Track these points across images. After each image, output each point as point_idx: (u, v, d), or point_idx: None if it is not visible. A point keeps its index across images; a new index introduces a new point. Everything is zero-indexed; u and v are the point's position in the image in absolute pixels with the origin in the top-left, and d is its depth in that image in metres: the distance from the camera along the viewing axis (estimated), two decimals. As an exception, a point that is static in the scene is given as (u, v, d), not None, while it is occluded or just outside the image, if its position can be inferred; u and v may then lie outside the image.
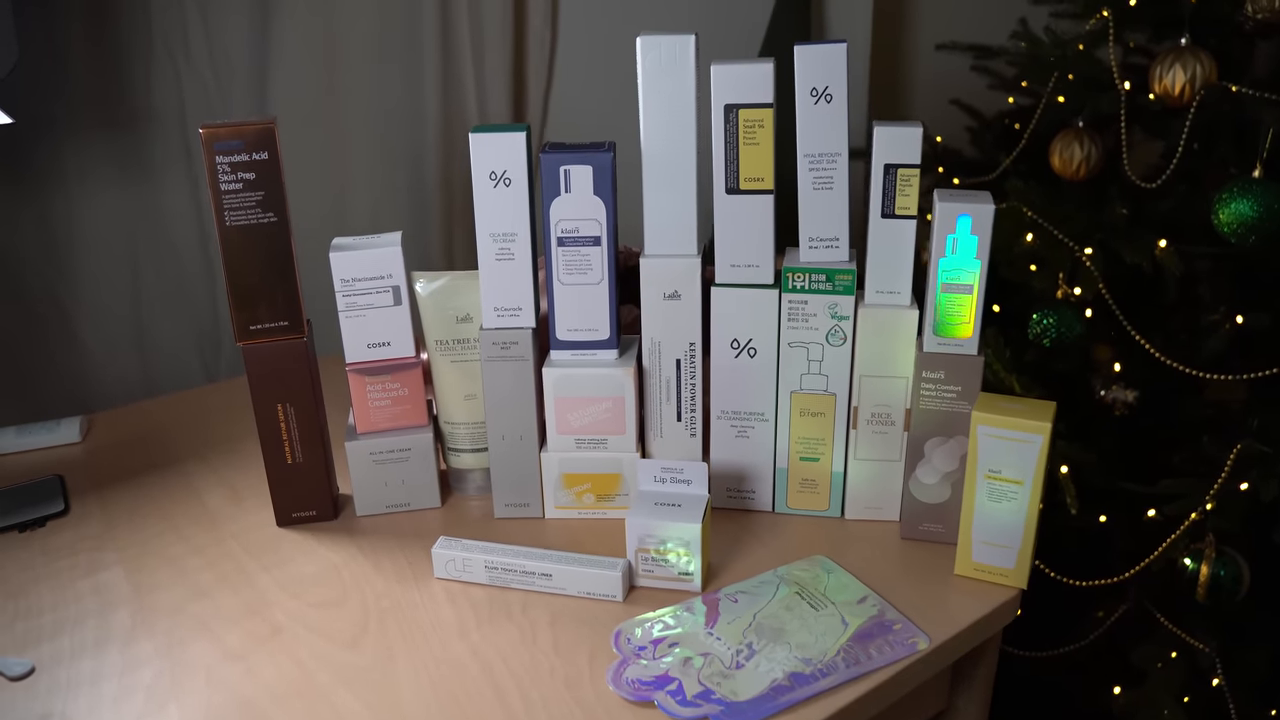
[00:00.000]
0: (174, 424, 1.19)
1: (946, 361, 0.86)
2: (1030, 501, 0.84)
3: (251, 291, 0.90)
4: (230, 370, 1.49)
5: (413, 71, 1.52)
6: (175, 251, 1.44)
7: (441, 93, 1.52)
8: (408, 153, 1.56)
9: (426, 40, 1.50)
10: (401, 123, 1.54)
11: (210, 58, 1.42)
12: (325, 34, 1.47)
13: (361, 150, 1.53)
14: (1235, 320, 1.30)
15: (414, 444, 0.97)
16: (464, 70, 1.53)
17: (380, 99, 1.52)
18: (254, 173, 0.87)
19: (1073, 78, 1.38)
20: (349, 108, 1.51)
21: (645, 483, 0.89)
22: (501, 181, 0.88)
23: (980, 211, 0.82)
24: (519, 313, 0.91)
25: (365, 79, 1.51)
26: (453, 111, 1.54)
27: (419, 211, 1.59)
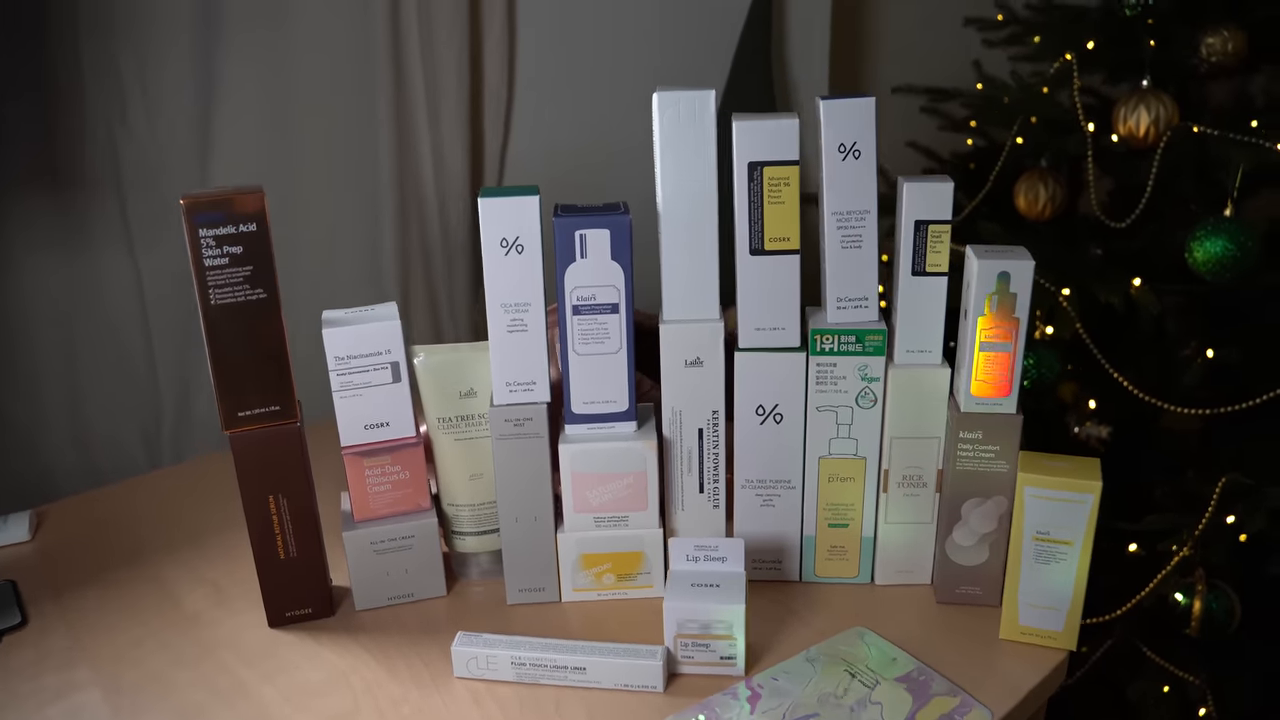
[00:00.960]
0: (133, 515, 1.07)
1: (985, 421, 0.82)
2: (1081, 561, 0.80)
3: (240, 375, 0.81)
4: (175, 453, 1.38)
5: (366, 131, 1.43)
6: (113, 328, 1.32)
7: (396, 155, 1.44)
8: (361, 217, 1.47)
9: (380, 100, 1.42)
10: (354, 186, 1.46)
11: (148, 118, 1.32)
12: (273, 95, 1.38)
13: (312, 215, 1.44)
14: (1206, 355, 1.30)
15: (417, 530, 0.88)
16: (419, 134, 1.45)
17: (332, 161, 1.44)
18: (241, 246, 0.79)
19: (1035, 120, 1.38)
20: (299, 172, 1.42)
21: (678, 562, 0.83)
22: (514, 249, 0.81)
23: (1019, 268, 0.79)
24: (533, 387, 0.84)
25: (316, 140, 1.42)
26: (407, 174, 1.46)
27: (371, 278, 1.50)
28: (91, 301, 1.30)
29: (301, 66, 1.38)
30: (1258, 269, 1.18)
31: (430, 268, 1.48)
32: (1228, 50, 1.28)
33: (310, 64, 1.39)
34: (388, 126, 1.42)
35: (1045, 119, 1.39)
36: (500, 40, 1.46)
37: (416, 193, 1.46)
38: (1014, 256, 0.79)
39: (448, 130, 1.44)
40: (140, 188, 1.33)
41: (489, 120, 1.49)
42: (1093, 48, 1.36)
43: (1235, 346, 1.28)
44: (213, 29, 1.31)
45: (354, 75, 1.41)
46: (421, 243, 1.46)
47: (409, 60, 1.41)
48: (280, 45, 1.36)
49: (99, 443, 1.32)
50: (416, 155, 1.45)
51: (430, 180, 1.45)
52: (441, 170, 1.45)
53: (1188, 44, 1.31)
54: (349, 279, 1.48)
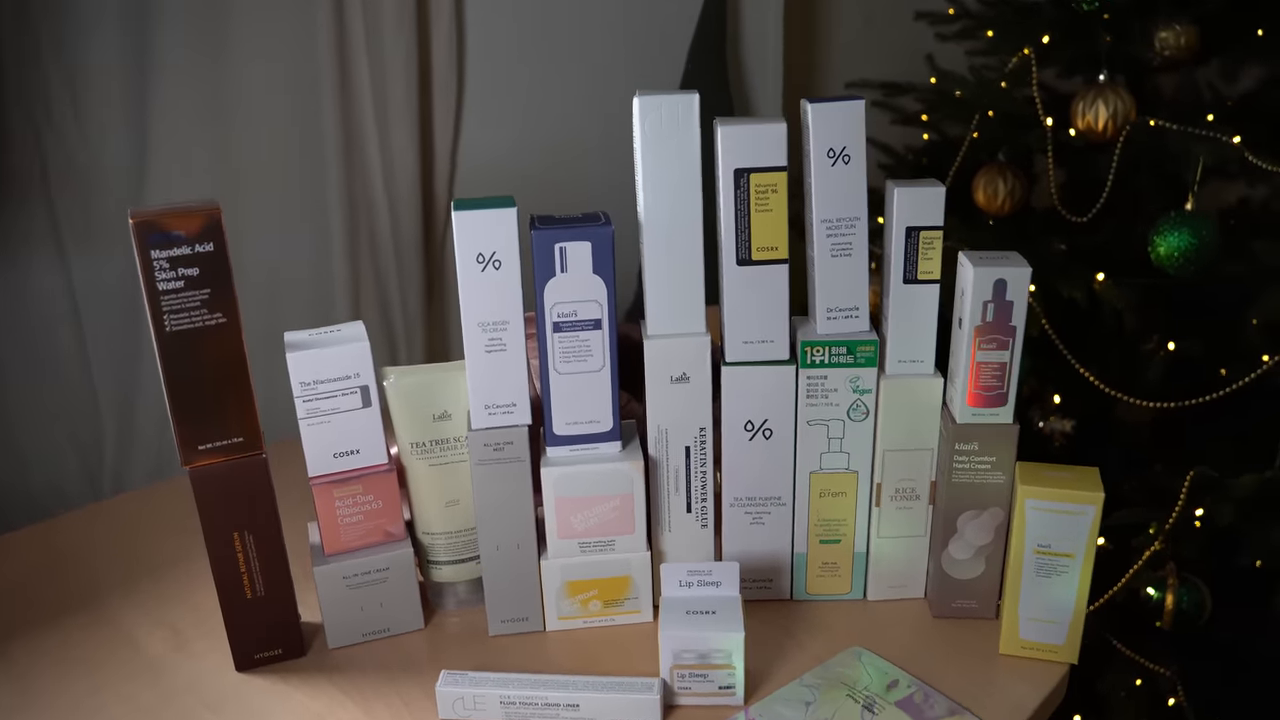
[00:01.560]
0: (80, 551, 0.99)
1: (981, 432, 0.79)
2: (1083, 574, 0.77)
3: (199, 406, 0.74)
4: (117, 481, 1.30)
5: (311, 130, 1.36)
6: (45, 343, 1.24)
7: (343, 155, 1.37)
8: (307, 222, 1.40)
9: (325, 97, 1.34)
10: (299, 189, 1.38)
11: (76, 117, 1.23)
12: (212, 91, 1.30)
13: (258, 220, 1.36)
14: (1168, 348, 1.29)
15: (393, 562, 0.83)
16: (367, 134, 1.37)
17: (275, 164, 1.36)
18: (197, 268, 0.72)
19: (993, 114, 1.35)
20: (242, 170, 1.34)
21: (671, 588, 0.78)
22: (490, 264, 0.75)
23: (1016, 275, 0.75)
24: (513, 410, 0.79)
25: (259, 143, 1.34)
26: (355, 176, 1.39)
27: (320, 290, 1.42)
28: (18, 314, 1.21)
29: (242, 62, 1.30)
30: (1217, 261, 1.17)
31: (382, 281, 1.41)
32: (1180, 44, 1.26)
33: (251, 60, 1.31)
34: (333, 126, 1.35)
35: (1003, 113, 1.36)
36: (448, 36, 1.39)
37: (366, 196, 1.39)
38: (1010, 263, 0.76)
39: (396, 131, 1.37)
40: (71, 192, 1.25)
41: (438, 119, 1.42)
42: (1048, 42, 1.34)
43: (1197, 339, 1.27)
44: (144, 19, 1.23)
45: (297, 71, 1.34)
46: (372, 253, 1.39)
47: (354, 55, 1.34)
48: (218, 38, 1.28)
49: (33, 473, 1.24)
50: (365, 156, 1.38)
51: (380, 184, 1.38)
52: (391, 173, 1.38)
53: (1142, 38, 1.29)
54: (296, 292, 1.40)
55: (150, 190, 1.29)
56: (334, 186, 1.37)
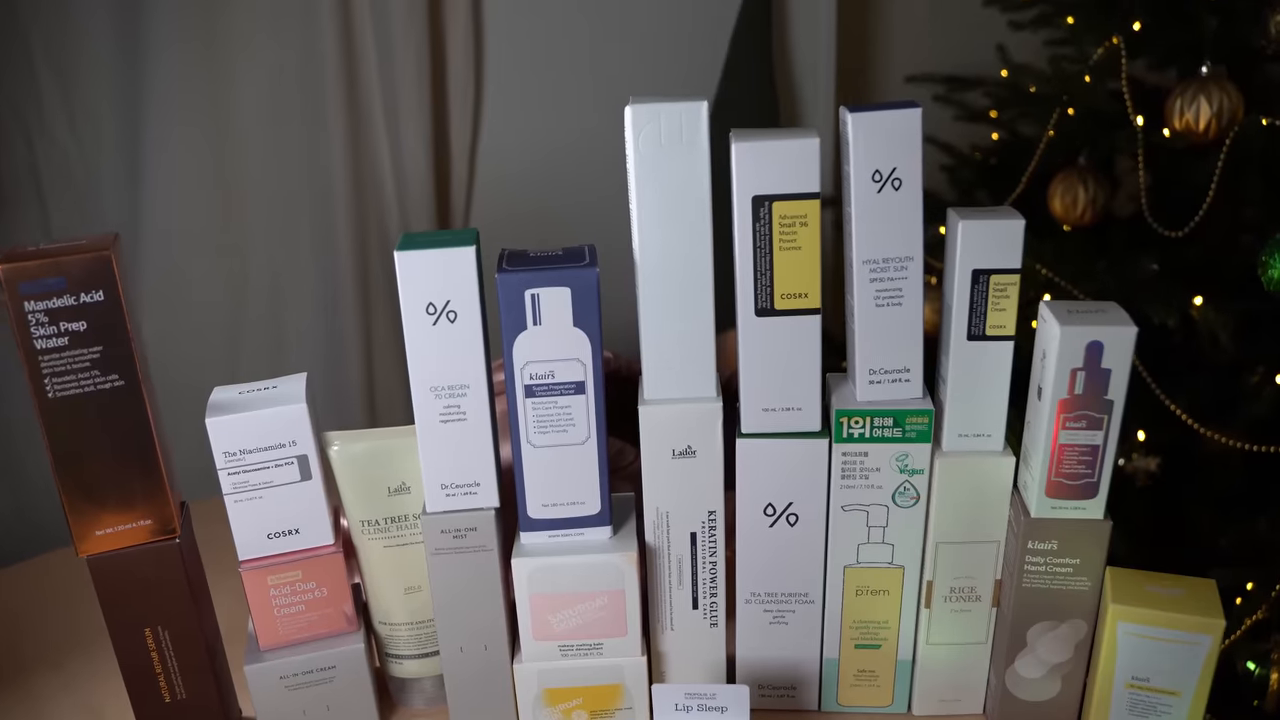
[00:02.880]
0: (6, 614, 0.85)
1: (1062, 529, 0.59)
2: (1191, 715, 0.58)
3: (93, 485, 0.58)
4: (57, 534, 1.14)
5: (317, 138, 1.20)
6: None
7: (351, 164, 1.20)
8: (312, 244, 1.24)
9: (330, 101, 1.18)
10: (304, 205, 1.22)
11: (72, 126, 1.09)
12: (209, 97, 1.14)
13: (259, 229, 1.21)
14: (1276, 381, 1.07)
15: (340, 659, 0.66)
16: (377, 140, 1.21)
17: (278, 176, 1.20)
18: (84, 321, 0.56)
19: (1074, 112, 1.14)
20: (242, 174, 1.19)
21: (664, 713, 0.61)
22: (444, 316, 0.58)
23: (1116, 337, 0.56)
24: (476, 490, 0.61)
25: (259, 150, 1.19)
26: (365, 184, 1.22)
27: (329, 319, 1.26)
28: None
29: (241, 62, 1.14)
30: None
31: (394, 289, 1.25)
32: (1299, 28, 1.03)
33: (251, 59, 1.15)
34: (339, 129, 1.18)
35: (1085, 111, 1.15)
36: (465, 31, 1.22)
37: (376, 204, 1.22)
38: (1108, 320, 0.56)
39: (408, 133, 1.19)
40: (65, 198, 1.11)
41: (455, 120, 1.25)
42: (1140, 29, 1.11)
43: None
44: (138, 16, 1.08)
45: (300, 70, 1.18)
46: (383, 263, 1.23)
47: (362, 54, 1.17)
48: (216, 38, 1.12)
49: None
50: (374, 162, 1.21)
51: (391, 190, 1.21)
52: (403, 179, 1.21)
53: (1253, 22, 1.06)
54: (300, 305, 1.25)
55: (146, 197, 1.15)
56: (340, 193, 1.20)
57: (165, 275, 1.17)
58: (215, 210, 1.18)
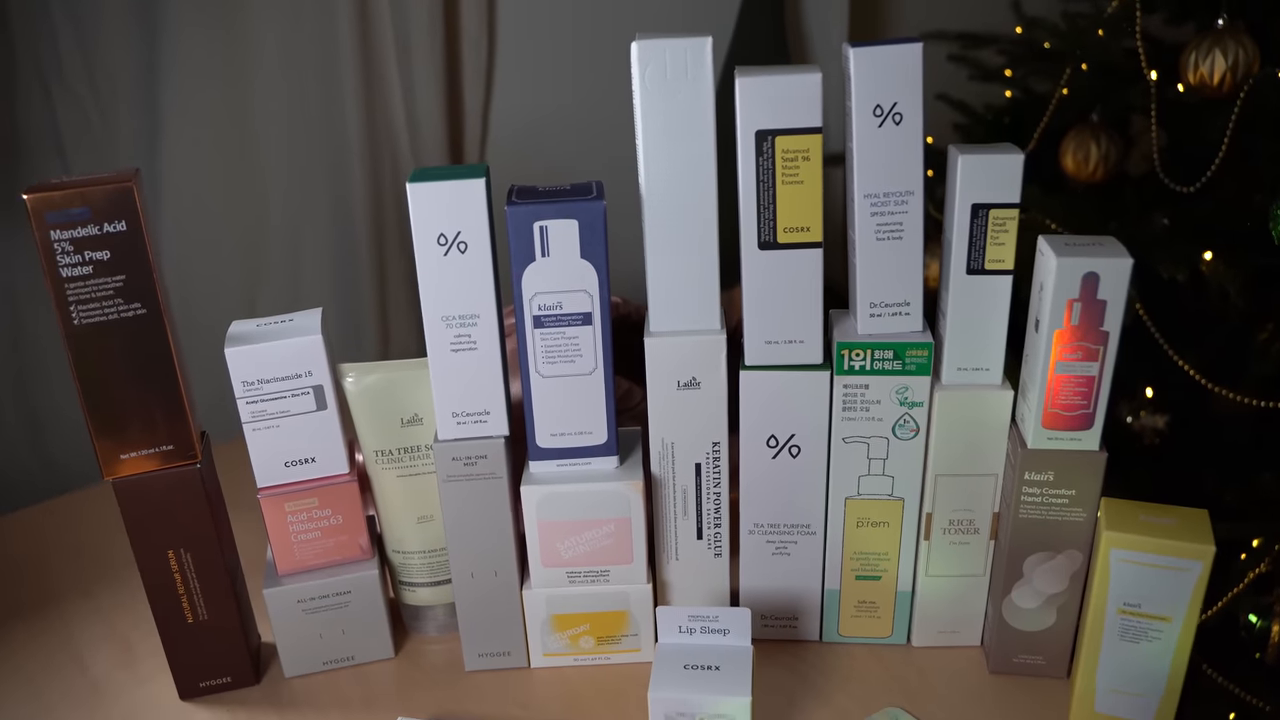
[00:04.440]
0: (35, 551, 0.87)
1: (1058, 460, 0.60)
2: (1181, 641, 0.59)
3: (117, 410, 0.61)
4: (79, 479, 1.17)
5: (332, 88, 1.21)
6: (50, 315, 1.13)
7: (365, 113, 1.22)
8: (329, 190, 1.25)
9: (344, 53, 1.19)
10: (320, 153, 1.24)
11: (89, 76, 1.11)
12: (225, 47, 1.16)
13: (275, 186, 1.23)
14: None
15: (355, 585, 0.68)
16: (391, 90, 1.22)
17: (294, 124, 1.22)
18: (108, 250, 0.58)
19: (1087, 68, 1.14)
20: (259, 131, 1.20)
21: (668, 634, 0.62)
22: (454, 247, 0.60)
23: (1112, 268, 0.57)
24: (486, 418, 0.63)
25: (275, 99, 1.20)
26: (379, 134, 1.24)
27: (345, 262, 1.28)
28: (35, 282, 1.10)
29: (258, 19, 1.16)
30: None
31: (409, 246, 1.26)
32: (1318, -19, 1.03)
33: (268, 16, 1.17)
34: (354, 84, 1.19)
35: (1098, 66, 1.14)
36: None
37: (391, 159, 1.24)
38: (1104, 252, 0.57)
39: (422, 88, 1.21)
40: (85, 152, 1.13)
41: (468, 75, 1.26)
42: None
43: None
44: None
45: (316, 27, 1.19)
46: (398, 219, 1.24)
47: (376, 7, 1.18)
48: None
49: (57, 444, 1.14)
50: (389, 116, 1.22)
51: (405, 146, 1.23)
52: (417, 133, 1.23)
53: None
54: (318, 259, 1.27)
55: (164, 146, 1.17)
56: (355, 147, 1.22)
57: (182, 220, 1.18)
58: (232, 157, 1.20)
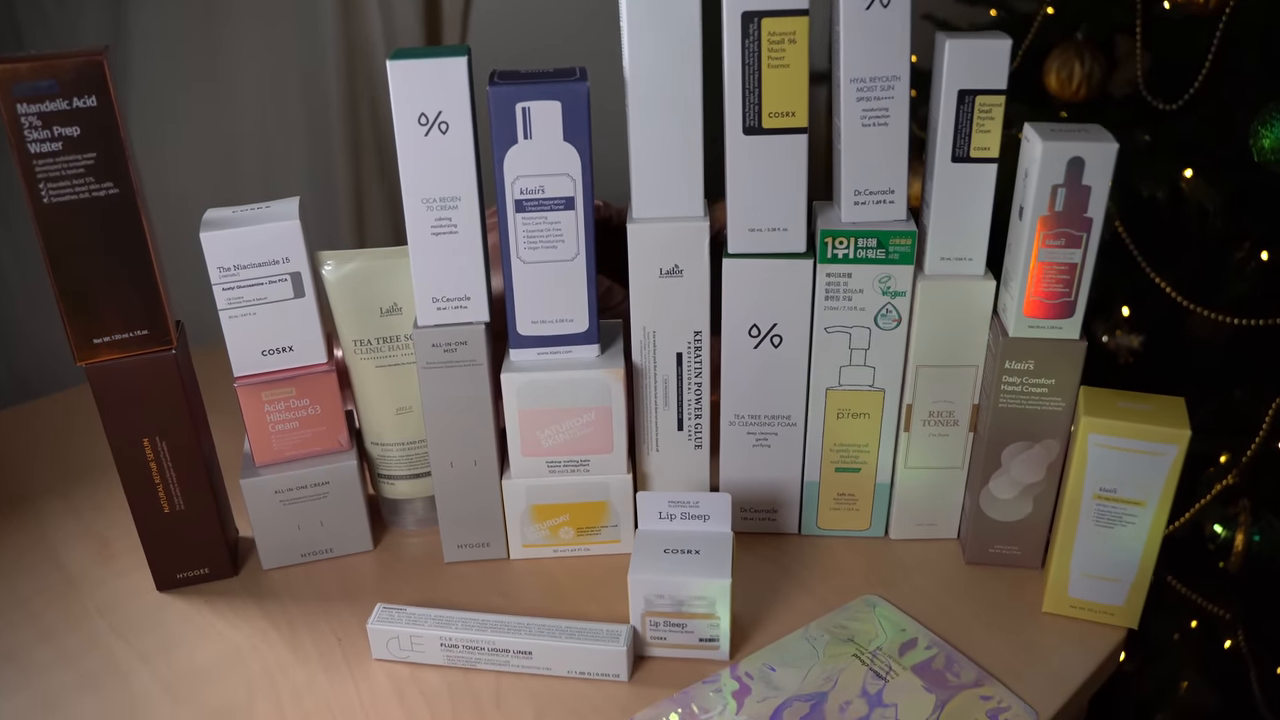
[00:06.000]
0: (10, 451, 0.87)
1: (1038, 349, 0.61)
2: (1154, 526, 0.60)
3: (90, 292, 0.60)
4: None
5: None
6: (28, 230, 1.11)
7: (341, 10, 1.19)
8: (304, 89, 1.23)
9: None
10: (295, 51, 1.21)
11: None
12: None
13: (247, 87, 1.20)
14: (1260, 257, 1.08)
15: (333, 475, 0.68)
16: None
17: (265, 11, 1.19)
18: (78, 126, 0.57)
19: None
20: (228, 35, 1.17)
21: (648, 520, 0.63)
22: (435, 127, 0.59)
23: (1097, 153, 0.56)
24: (466, 304, 0.63)
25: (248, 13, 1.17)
26: (354, 34, 1.21)
27: (321, 164, 1.26)
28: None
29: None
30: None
31: (384, 149, 1.24)
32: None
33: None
34: None
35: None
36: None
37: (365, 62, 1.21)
38: (1089, 137, 0.57)
39: None
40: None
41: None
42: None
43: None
44: None
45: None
46: (376, 123, 1.22)
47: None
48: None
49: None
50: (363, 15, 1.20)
51: (380, 44, 1.20)
52: (392, 31, 1.20)
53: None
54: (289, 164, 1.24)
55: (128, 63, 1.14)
56: (330, 33, 1.19)
57: (152, 126, 1.16)
58: (201, 65, 1.17)
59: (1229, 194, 1.05)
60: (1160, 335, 1.17)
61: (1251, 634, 1.08)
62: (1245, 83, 1.07)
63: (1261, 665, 1.08)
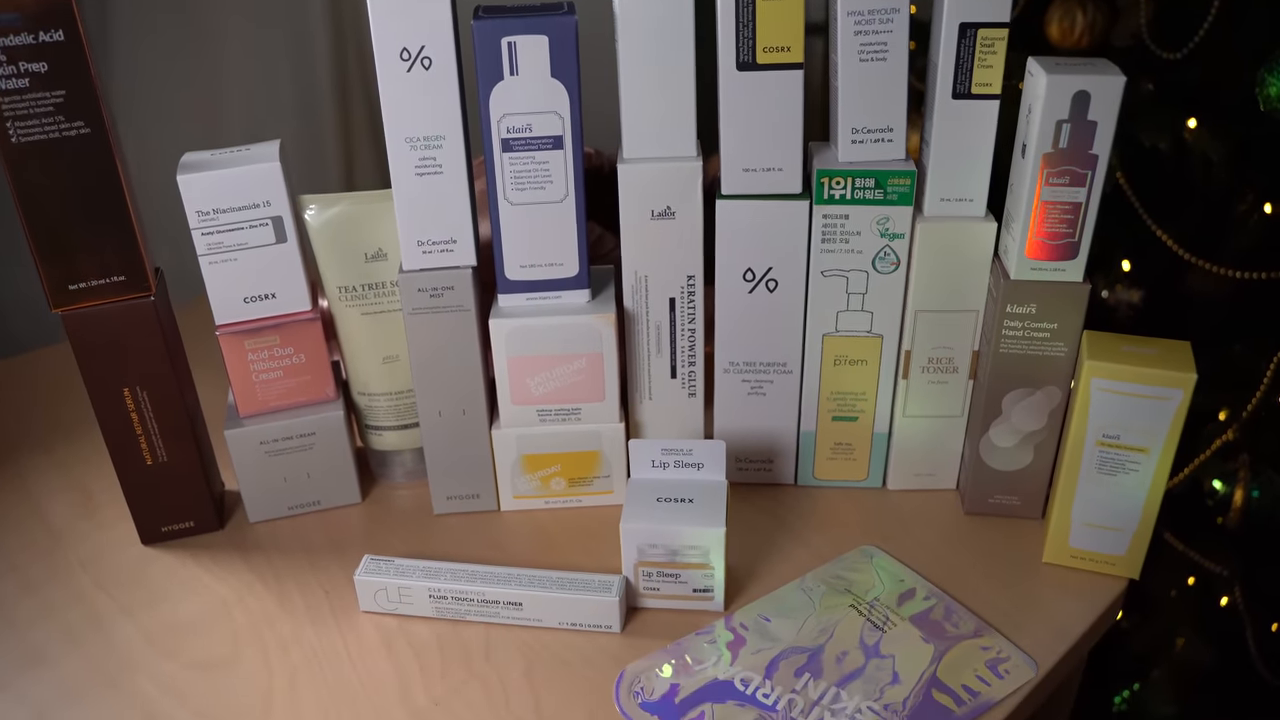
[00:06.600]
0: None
1: (1041, 291, 0.59)
2: (1158, 473, 0.58)
3: (64, 236, 0.58)
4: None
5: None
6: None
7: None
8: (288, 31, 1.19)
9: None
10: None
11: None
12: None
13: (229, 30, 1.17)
14: (1263, 210, 1.06)
15: (319, 426, 0.67)
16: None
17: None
18: (45, 62, 0.54)
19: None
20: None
21: (641, 469, 0.61)
22: (418, 62, 0.56)
23: (1104, 86, 0.54)
24: (453, 247, 0.61)
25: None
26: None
27: (306, 107, 1.23)
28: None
29: None
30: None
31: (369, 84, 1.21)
32: None
33: None
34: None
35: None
36: None
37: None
38: (1095, 70, 0.55)
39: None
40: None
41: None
42: None
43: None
44: None
45: None
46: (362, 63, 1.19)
47: None
48: None
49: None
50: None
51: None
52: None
53: None
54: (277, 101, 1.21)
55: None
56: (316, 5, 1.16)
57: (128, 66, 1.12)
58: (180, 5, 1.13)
59: (1233, 145, 1.03)
60: (1161, 289, 1.15)
61: (1249, 591, 1.07)
62: (1252, 29, 1.05)
63: (1258, 622, 1.07)
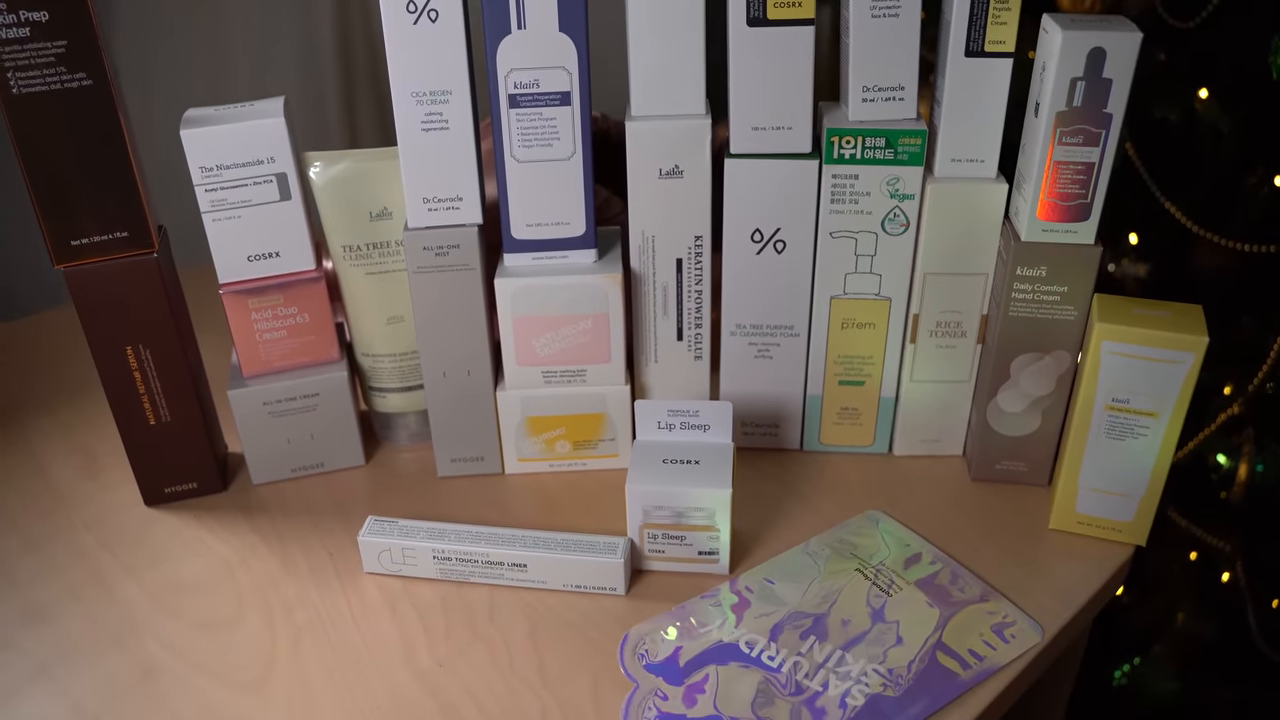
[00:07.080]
0: (1, 364, 0.85)
1: (1051, 254, 0.58)
2: (1167, 438, 0.58)
3: (66, 190, 0.57)
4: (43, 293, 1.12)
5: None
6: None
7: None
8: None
9: None
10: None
11: None
12: None
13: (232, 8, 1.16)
14: (1274, 183, 1.05)
15: (323, 386, 0.66)
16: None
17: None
18: (45, 11, 0.53)
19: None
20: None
21: (646, 430, 0.61)
22: (424, 15, 0.56)
23: (1120, 43, 0.53)
24: (459, 204, 0.60)
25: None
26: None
27: (310, 63, 1.21)
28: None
29: None
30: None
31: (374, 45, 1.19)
32: None
33: None
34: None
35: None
36: None
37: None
38: (1111, 27, 0.54)
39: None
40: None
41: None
42: None
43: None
44: None
45: None
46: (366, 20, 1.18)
47: None
48: None
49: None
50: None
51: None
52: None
53: None
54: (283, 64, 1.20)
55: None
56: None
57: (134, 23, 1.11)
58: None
59: (1244, 116, 1.02)
60: (1169, 263, 1.14)
61: (1250, 567, 1.07)
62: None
63: (1259, 598, 1.07)
